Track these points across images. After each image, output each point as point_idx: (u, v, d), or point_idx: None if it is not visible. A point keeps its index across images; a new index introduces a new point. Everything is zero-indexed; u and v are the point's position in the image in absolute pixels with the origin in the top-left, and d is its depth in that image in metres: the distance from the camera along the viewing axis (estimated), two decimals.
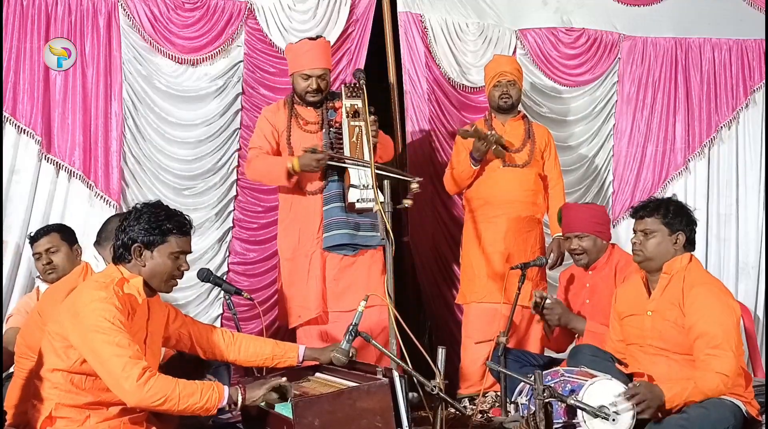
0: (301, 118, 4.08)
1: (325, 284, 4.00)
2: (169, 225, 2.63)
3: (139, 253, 2.61)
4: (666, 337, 3.02)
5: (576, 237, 3.86)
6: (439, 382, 2.80)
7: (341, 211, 3.92)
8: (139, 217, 2.64)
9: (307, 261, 4.01)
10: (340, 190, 3.93)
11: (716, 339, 2.85)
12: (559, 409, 2.81)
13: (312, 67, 4.01)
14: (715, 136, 5.28)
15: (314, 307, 3.97)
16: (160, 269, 2.63)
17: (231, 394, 2.53)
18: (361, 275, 4.01)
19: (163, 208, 2.69)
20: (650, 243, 3.10)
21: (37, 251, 3.69)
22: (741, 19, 5.32)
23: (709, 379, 2.80)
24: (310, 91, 4.01)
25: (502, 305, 4.05)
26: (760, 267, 5.24)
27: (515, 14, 5.14)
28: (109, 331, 2.42)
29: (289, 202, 4.10)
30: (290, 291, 4.08)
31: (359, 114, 3.84)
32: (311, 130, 4.06)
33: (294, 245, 4.06)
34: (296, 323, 4.05)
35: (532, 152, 4.34)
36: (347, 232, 3.94)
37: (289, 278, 4.10)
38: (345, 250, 3.99)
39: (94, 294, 2.50)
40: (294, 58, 4.08)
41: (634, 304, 3.19)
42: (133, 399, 2.42)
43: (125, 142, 4.50)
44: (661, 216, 3.10)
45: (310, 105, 4.08)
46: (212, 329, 3.02)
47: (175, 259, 2.65)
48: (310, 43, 4.05)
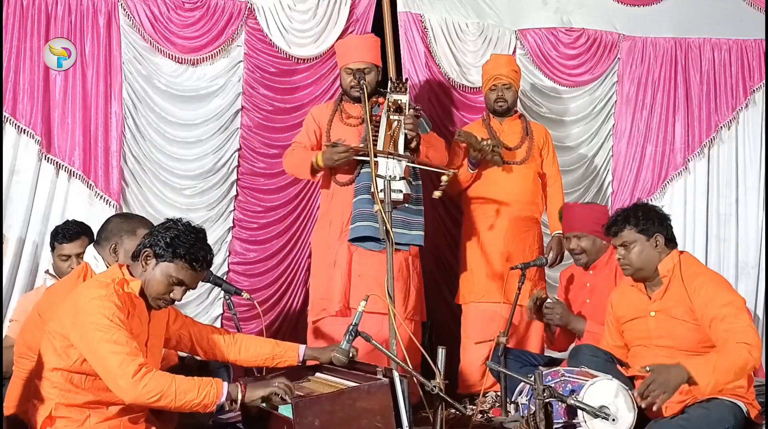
0: (345, 113, 4.11)
1: (350, 279, 3.97)
2: (183, 251, 2.57)
3: (146, 258, 2.61)
4: (675, 334, 3.02)
5: (575, 237, 3.88)
6: (439, 382, 2.81)
7: (368, 203, 3.85)
8: (169, 229, 2.61)
9: (333, 253, 4.00)
10: (369, 182, 3.84)
11: (729, 317, 2.83)
12: (560, 409, 2.81)
13: (356, 61, 4.02)
14: (715, 136, 5.28)
15: (337, 300, 3.94)
16: (153, 284, 2.59)
17: (230, 391, 2.51)
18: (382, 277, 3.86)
19: (198, 237, 2.62)
20: (633, 254, 3.10)
21: (66, 254, 3.64)
22: (741, 19, 5.31)
23: (734, 351, 2.72)
24: (354, 85, 4.01)
25: (502, 305, 4.05)
26: (760, 267, 5.24)
27: (515, 14, 5.14)
28: (107, 328, 2.42)
29: (329, 195, 4.11)
30: (315, 284, 4.10)
31: (402, 109, 3.79)
32: (351, 124, 4.08)
33: (324, 238, 4.07)
34: (320, 316, 4.03)
35: (530, 150, 4.35)
36: (370, 224, 3.85)
37: (317, 270, 4.11)
38: (371, 245, 3.93)
39: (94, 292, 2.50)
40: (341, 53, 4.14)
41: (634, 309, 3.19)
42: (129, 395, 2.42)
43: (125, 142, 4.50)
44: (634, 225, 3.11)
45: (356, 100, 4.07)
46: (212, 330, 3.02)
47: (170, 283, 2.60)
48: (357, 38, 4.18)
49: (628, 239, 3.11)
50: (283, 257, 4.73)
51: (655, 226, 3.11)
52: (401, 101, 3.81)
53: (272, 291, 4.69)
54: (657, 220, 3.13)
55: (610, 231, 3.18)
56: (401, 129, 3.74)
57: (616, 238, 3.16)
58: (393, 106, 3.78)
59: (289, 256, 4.74)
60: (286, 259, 4.73)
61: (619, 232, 3.14)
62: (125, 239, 2.91)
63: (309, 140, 4.12)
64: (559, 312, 3.69)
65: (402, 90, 3.82)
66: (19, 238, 4.25)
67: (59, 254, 3.68)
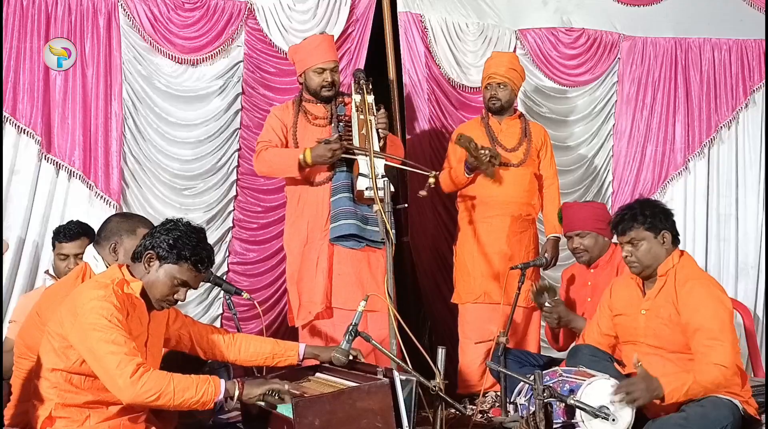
0: (310, 114, 4.07)
1: (332, 279, 3.95)
2: (189, 253, 2.58)
3: (149, 260, 2.60)
4: (660, 334, 3.02)
5: (577, 235, 3.87)
6: (439, 382, 2.81)
7: (349, 201, 3.86)
8: (171, 231, 2.61)
9: (316, 254, 3.97)
10: (348, 181, 3.87)
11: (713, 332, 2.85)
12: (558, 409, 2.81)
13: (325, 60, 4.00)
14: (715, 136, 5.29)
15: (319, 301, 3.92)
16: (158, 286, 2.60)
17: (228, 388, 2.52)
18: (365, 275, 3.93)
19: (199, 236, 2.63)
20: (641, 252, 3.09)
21: (65, 253, 3.64)
22: (741, 19, 5.32)
23: (707, 372, 2.79)
24: (326, 84, 3.99)
25: (502, 305, 4.05)
26: (760, 267, 5.24)
27: (515, 14, 5.14)
28: (105, 328, 2.42)
29: (297, 195, 4.05)
30: (300, 287, 4.01)
31: (370, 108, 3.81)
32: (320, 125, 4.04)
33: (303, 239, 4.00)
34: (306, 320, 3.98)
35: (528, 151, 4.34)
36: (354, 222, 3.86)
37: (298, 274, 4.02)
38: (351, 243, 3.93)
39: (92, 293, 2.49)
40: (305, 55, 4.06)
41: (627, 303, 3.19)
42: (128, 395, 2.41)
43: (125, 142, 4.50)
44: (642, 223, 3.09)
45: (323, 101, 4.05)
46: (212, 329, 3.02)
47: (175, 285, 2.61)
48: (320, 37, 4.09)
49: (636, 237, 3.09)
50: (283, 257, 4.69)
51: (662, 223, 3.10)
52: (369, 101, 3.83)
53: (272, 291, 4.70)
54: (663, 216, 3.12)
55: (618, 228, 3.16)
56: (373, 128, 3.76)
57: (623, 236, 3.13)
58: (360, 105, 3.79)
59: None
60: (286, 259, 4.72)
61: (627, 230, 3.11)
62: (125, 239, 2.91)
63: (278, 139, 4.03)
64: (557, 316, 3.68)
65: (368, 90, 3.84)
66: (19, 238, 4.25)
67: (58, 253, 3.68)
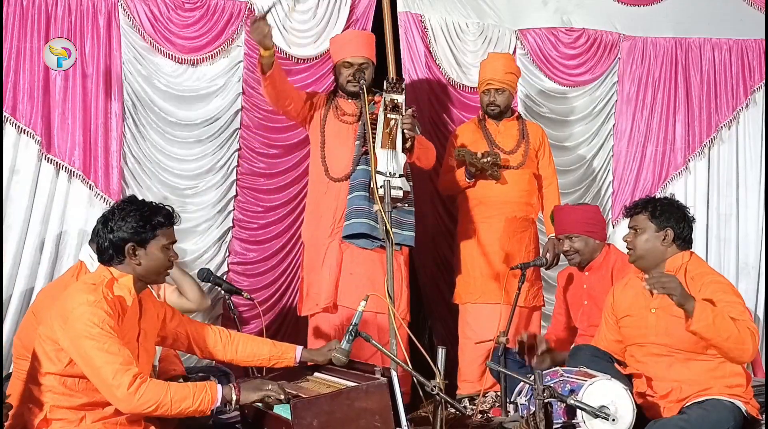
0: (339, 109, 4.10)
1: (340, 277, 3.96)
2: (158, 219, 2.64)
3: (133, 252, 2.61)
4: (672, 332, 3.00)
5: (567, 238, 3.89)
6: (439, 382, 2.80)
7: (364, 200, 3.85)
8: (126, 217, 2.62)
9: (323, 249, 3.99)
10: (365, 179, 3.85)
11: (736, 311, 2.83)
12: (559, 409, 2.80)
13: (354, 55, 4.03)
14: (715, 136, 5.28)
15: (325, 297, 3.94)
16: (156, 264, 2.64)
17: (225, 395, 2.53)
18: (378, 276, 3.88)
19: (146, 203, 2.69)
20: (639, 240, 3.11)
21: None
22: (741, 19, 5.32)
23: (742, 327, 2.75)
24: (351, 79, 4.01)
25: (502, 306, 4.04)
26: (760, 267, 5.23)
27: (515, 14, 5.14)
28: (98, 337, 2.41)
29: (321, 189, 4.07)
30: (308, 278, 4.08)
31: (398, 108, 3.78)
32: (347, 121, 4.07)
33: (313, 232, 4.05)
34: (312, 311, 4.03)
35: (527, 153, 4.34)
36: (367, 221, 3.84)
37: (308, 266, 4.10)
38: (363, 242, 3.92)
39: (82, 297, 2.48)
40: (337, 48, 4.12)
41: (633, 304, 3.18)
42: (126, 407, 2.43)
43: (125, 142, 4.50)
44: (649, 213, 3.12)
45: (351, 96, 4.07)
46: (209, 328, 3.02)
47: (167, 250, 2.68)
48: (355, 33, 4.17)
49: (639, 224, 3.13)
50: (283, 257, 4.73)
51: (668, 221, 3.10)
52: (398, 101, 3.81)
53: (272, 291, 4.69)
54: (674, 216, 3.12)
55: (629, 211, 3.22)
56: (398, 128, 3.74)
57: (630, 220, 3.19)
58: (390, 104, 3.78)
59: (289, 256, 4.73)
60: (286, 259, 4.73)
61: (634, 215, 3.17)
62: None
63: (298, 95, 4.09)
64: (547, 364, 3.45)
65: (398, 90, 3.83)
66: (19, 238, 4.25)
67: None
